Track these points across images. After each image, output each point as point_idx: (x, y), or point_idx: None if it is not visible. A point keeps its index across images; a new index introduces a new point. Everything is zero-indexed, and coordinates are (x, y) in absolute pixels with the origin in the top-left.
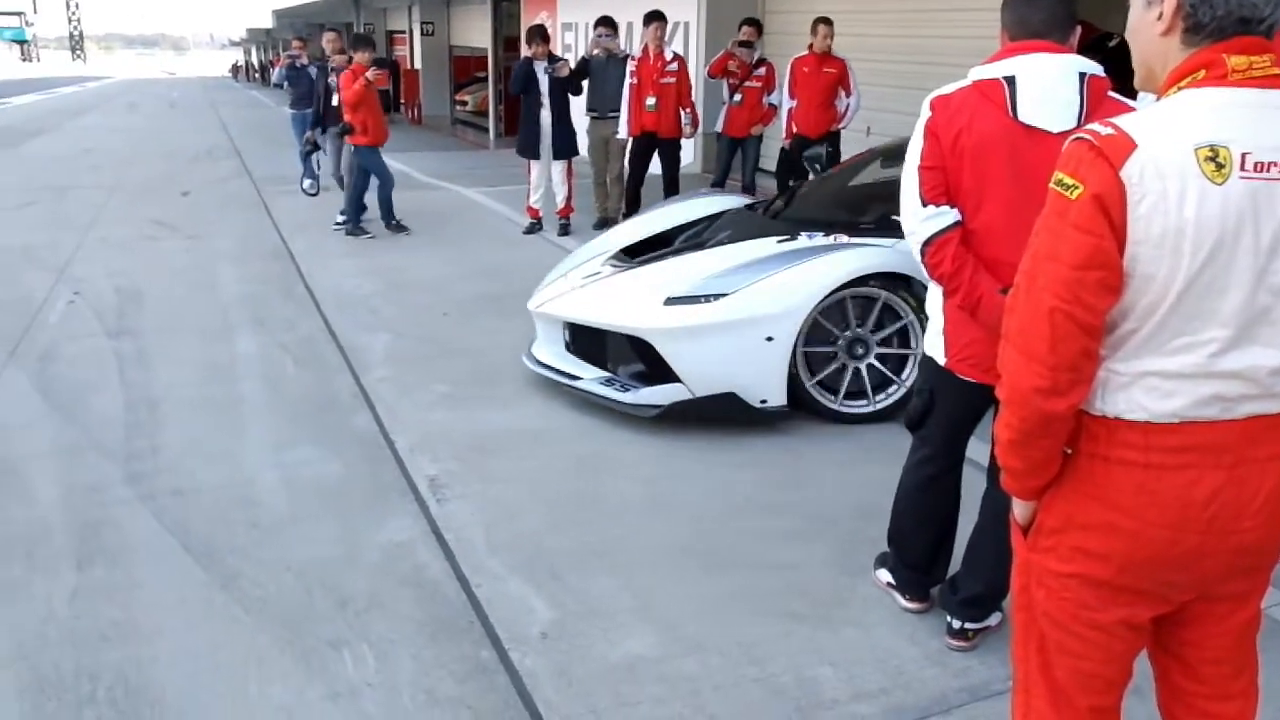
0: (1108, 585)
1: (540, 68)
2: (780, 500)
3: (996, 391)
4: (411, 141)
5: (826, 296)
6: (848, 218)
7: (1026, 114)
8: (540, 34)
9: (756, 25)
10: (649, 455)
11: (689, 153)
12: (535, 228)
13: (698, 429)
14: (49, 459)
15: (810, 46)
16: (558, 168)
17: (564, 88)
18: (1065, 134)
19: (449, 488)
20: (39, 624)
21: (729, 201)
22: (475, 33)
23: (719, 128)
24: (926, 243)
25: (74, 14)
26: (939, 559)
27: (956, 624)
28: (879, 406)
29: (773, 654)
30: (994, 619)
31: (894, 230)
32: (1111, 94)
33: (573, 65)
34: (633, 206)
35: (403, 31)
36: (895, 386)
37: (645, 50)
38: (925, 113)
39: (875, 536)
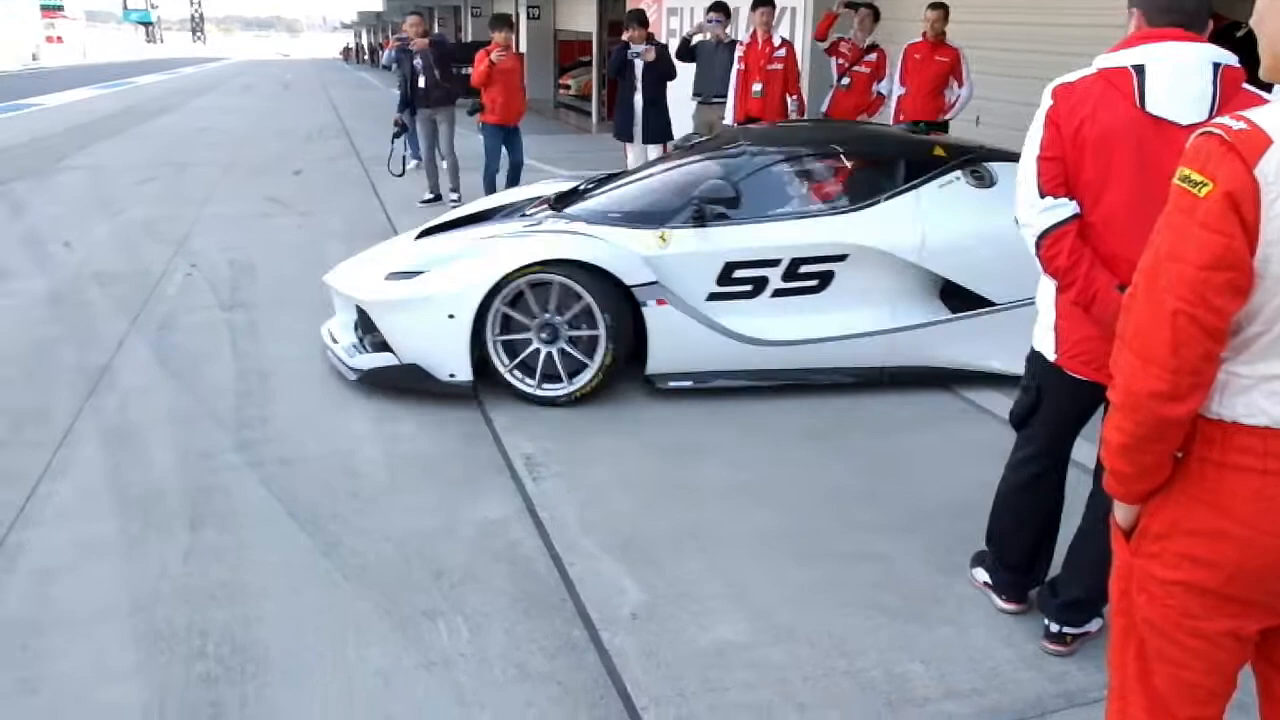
0: (1215, 594)
1: (635, 52)
2: (875, 492)
3: (1109, 393)
4: None
5: (503, 280)
6: (619, 210)
7: (1155, 105)
8: (637, 18)
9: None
10: (743, 442)
11: None
12: None
13: (791, 419)
14: (165, 425)
15: (924, 34)
16: (651, 152)
17: (657, 72)
18: (1194, 127)
19: (544, 466)
20: (154, 580)
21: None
22: (581, 17)
23: (824, 109)
24: (1043, 235)
25: None
26: (1039, 561)
27: (1055, 628)
28: (572, 389)
29: (863, 647)
30: (1094, 625)
31: (651, 223)
32: (1246, 86)
33: (674, 49)
34: None
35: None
36: (587, 370)
37: (753, 36)
38: (1046, 101)
39: (972, 534)
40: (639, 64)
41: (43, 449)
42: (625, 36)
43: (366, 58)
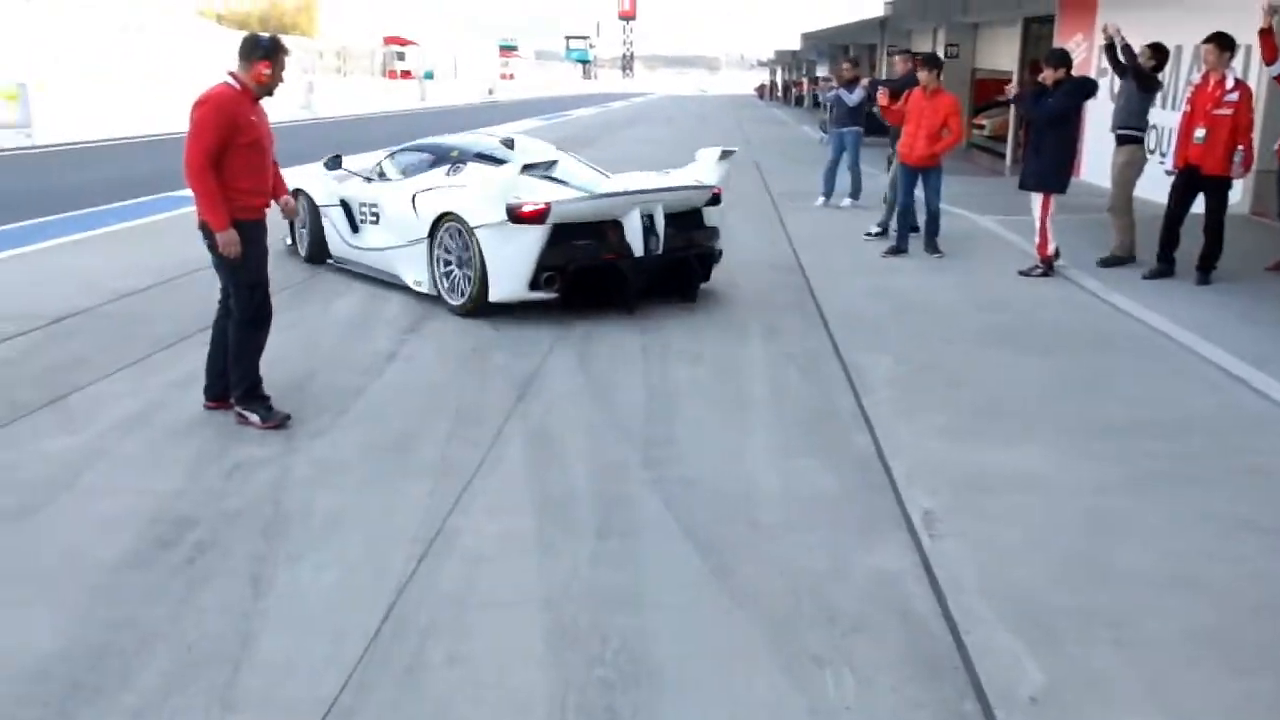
0: None
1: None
2: None
3: None
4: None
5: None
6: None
7: None
8: (1056, 57)
9: None
10: (1169, 522)
11: (1238, 192)
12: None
13: (1228, 501)
14: (582, 435)
15: None
16: (1035, 201)
17: (1042, 113)
18: None
19: (943, 523)
20: (565, 579)
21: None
22: (1002, 56)
23: (1278, 146)
24: None
25: (628, 38)
26: None
27: None
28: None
29: None
30: None
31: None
32: None
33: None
34: (1167, 249)
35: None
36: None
37: (1204, 76)
38: None
39: None
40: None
41: (478, 446)
42: (1041, 77)
43: (780, 94)
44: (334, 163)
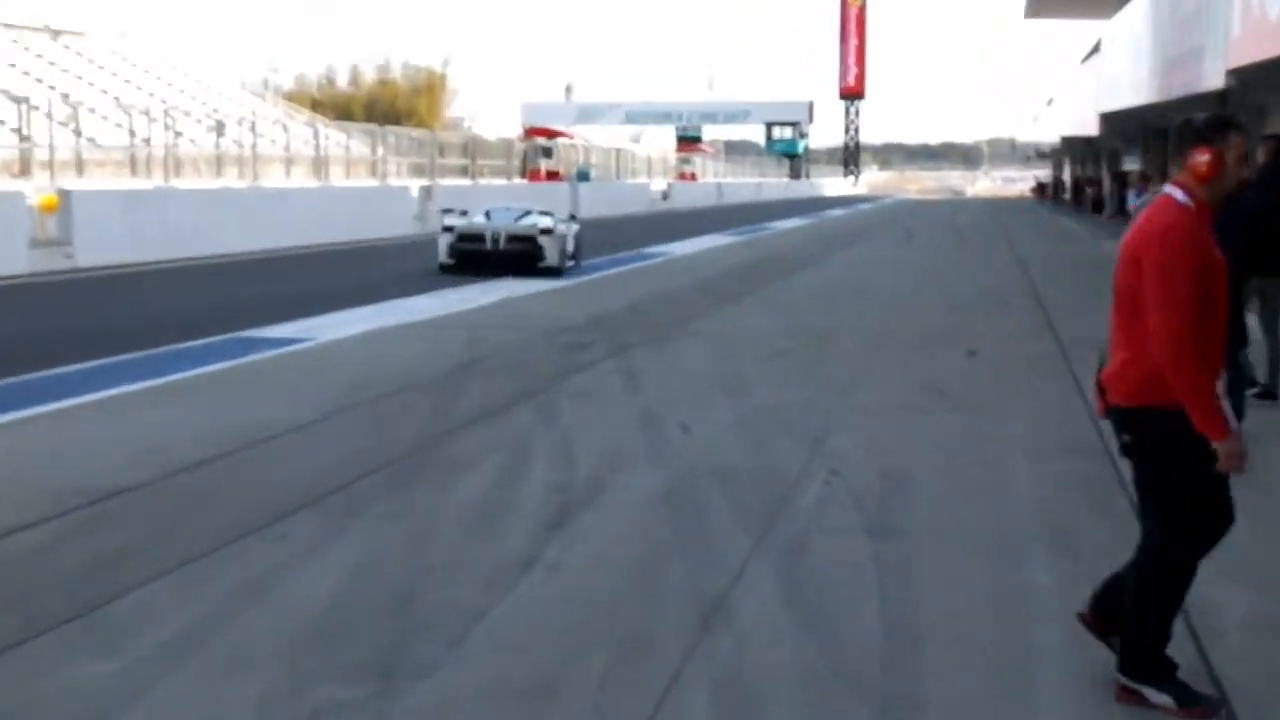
0: None
1: None
2: None
3: None
4: None
5: None
6: None
7: None
8: None
9: None
10: None
11: None
12: None
13: None
14: (792, 685)
15: None
16: None
17: None
18: None
19: None
20: None
21: None
22: None
23: None
24: None
25: (852, 122)
26: None
27: None
28: None
29: None
30: None
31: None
32: None
33: None
34: None
35: None
36: None
37: None
38: None
39: None
40: None
41: (648, 694)
42: None
43: (1067, 195)
44: None
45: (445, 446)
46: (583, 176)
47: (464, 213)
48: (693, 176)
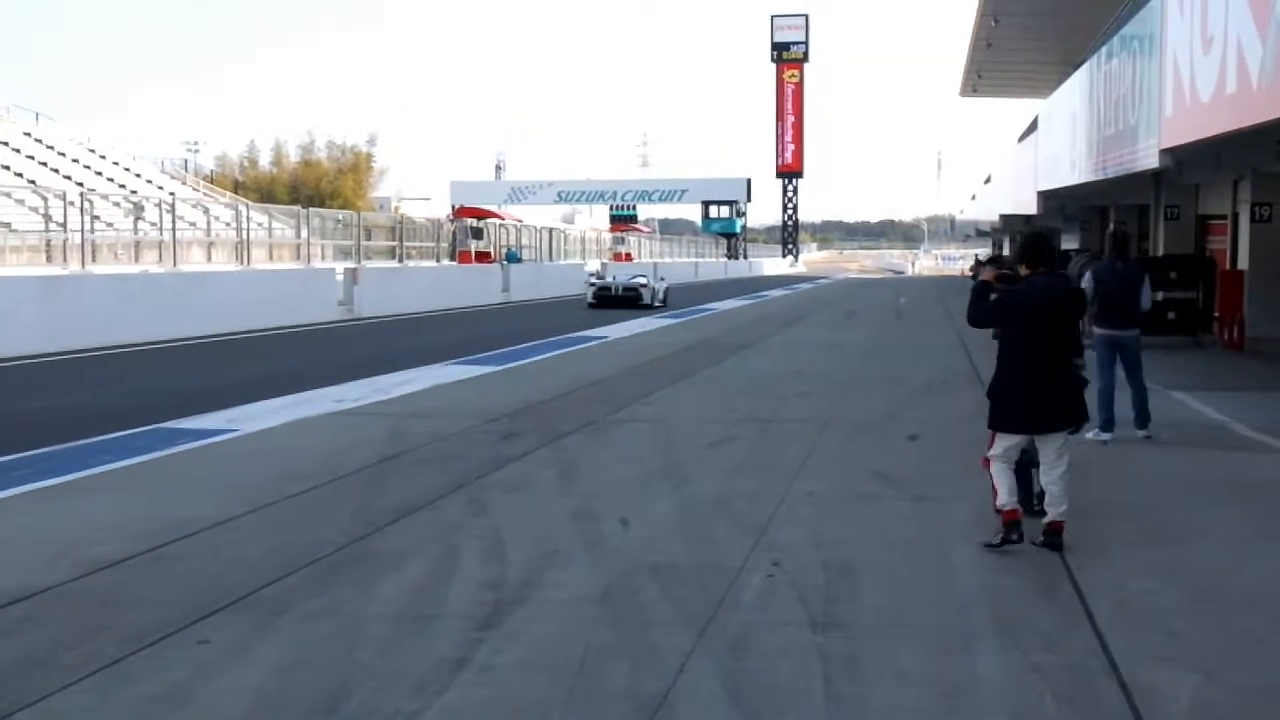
0: None
1: None
2: None
3: None
4: (1229, 376)
5: None
6: None
7: None
8: None
9: None
10: None
11: None
12: None
13: None
14: None
15: None
16: None
17: None
18: None
19: None
20: None
21: None
22: None
23: None
24: None
25: (790, 200)
26: None
27: None
28: None
29: None
30: None
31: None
32: None
33: None
34: None
35: (1223, 217)
36: None
37: None
38: None
39: None
40: None
41: None
42: None
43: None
44: None
45: (374, 541)
46: (512, 258)
47: (600, 275)
48: (628, 257)
